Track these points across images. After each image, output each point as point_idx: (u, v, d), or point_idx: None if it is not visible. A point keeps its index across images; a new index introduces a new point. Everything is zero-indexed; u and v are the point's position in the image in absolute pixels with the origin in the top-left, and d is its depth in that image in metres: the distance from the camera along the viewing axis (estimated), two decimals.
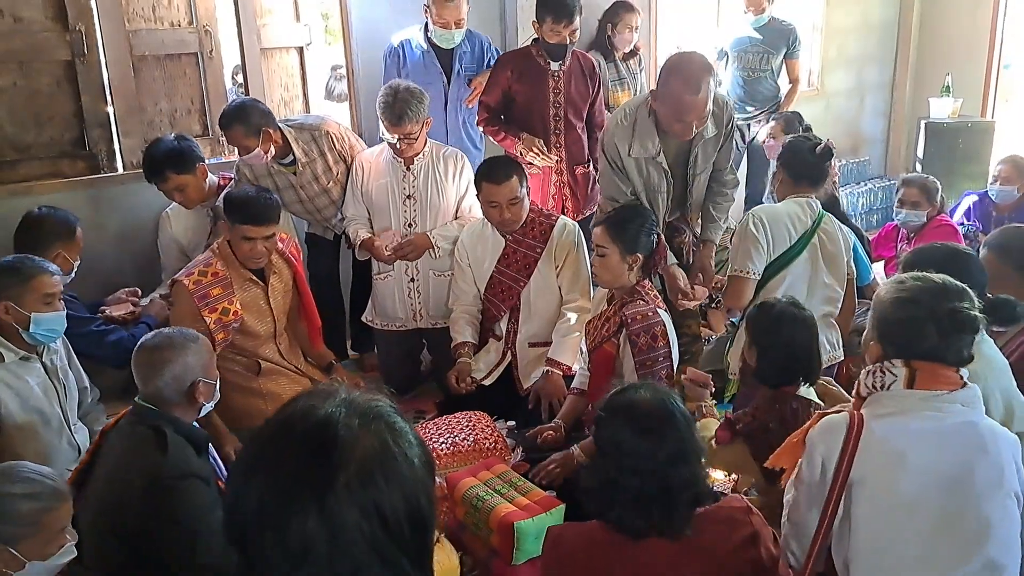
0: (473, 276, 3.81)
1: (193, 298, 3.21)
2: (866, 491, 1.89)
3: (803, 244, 3.25)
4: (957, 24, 7.18)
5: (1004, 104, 7.85)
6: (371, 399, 1.13)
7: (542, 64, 4.20)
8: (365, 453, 1.05)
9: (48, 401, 2.85)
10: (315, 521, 1.02)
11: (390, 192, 3.90)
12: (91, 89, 3.92)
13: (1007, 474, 1.89)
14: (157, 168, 3.66)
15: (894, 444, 1.89)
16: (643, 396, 1.97)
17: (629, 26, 5.04)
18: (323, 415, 1.08)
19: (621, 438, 1.90)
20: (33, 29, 3.76)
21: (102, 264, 3.88)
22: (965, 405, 1.93)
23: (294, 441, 1.07)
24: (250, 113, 3.69)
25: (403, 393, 4.18)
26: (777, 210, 3.33)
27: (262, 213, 3.28)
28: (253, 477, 1.07)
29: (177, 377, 2.39)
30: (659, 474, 1.86)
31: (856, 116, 7.36)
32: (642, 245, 3.11)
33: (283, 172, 3.92)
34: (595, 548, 1.91)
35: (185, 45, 4.23)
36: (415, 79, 4.11)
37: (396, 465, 1.07)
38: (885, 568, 1.88)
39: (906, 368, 1.94)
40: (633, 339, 2.98)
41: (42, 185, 3.83)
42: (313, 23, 5.76)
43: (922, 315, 1.94)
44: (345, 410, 1.08)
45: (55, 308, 2.82)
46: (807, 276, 3.26)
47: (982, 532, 1.85)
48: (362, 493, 1.03)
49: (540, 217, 3.73)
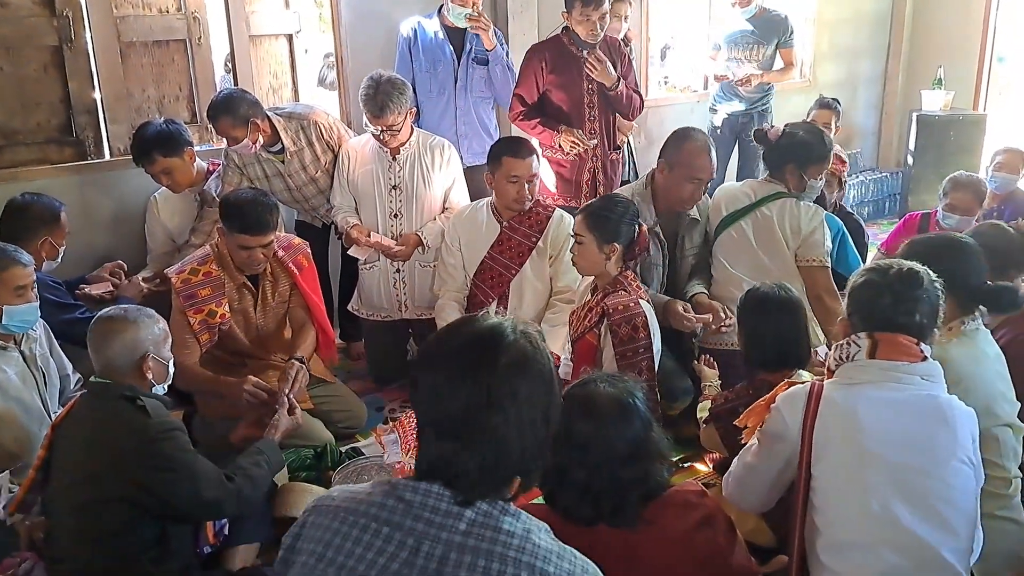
0: (464, 260, 3.80)
1: (179, 297, 3.19)
2: (827, 453, 1.97)
3: (728, 221, 3.55)
4: (950, 17, 7.18)
5: (997, 97, 7.85)
6: (527, 323, 1.49)
7: (574, 52, 4.14)
8: (521, 349, 1.37)
9: (27, 390, 2.83)
10: (481, 395, 1.32)
11: (376, 182, 3.89)
12: (78, 75, 3.90)
13: (960, 440, 1.95)
14: (145, 150, 3.65)
15: (850, 405, 1.98)
16: (603, 391, 1.94)
17: (618, 15, 5.01)
18: (494, 323, 1.41)
19: (573, 429, 1.86)
20: (20, 15, 3.74)
21: (89, 251, 3.87)
22: (926, 378, 2.00)
23: (469, 335, 1.40)
24: (238, 104, 3.68)
25: (389, 382, 4.19)
26: (724, 188, 3.74)
27: (258, 222, 3.14)
28: (433, 366, 1.39)
29: (127, 347, 2.37)
30: (608, 470, 1.84)
31: (848, 108, 7.29)
32: (621, 235, 3.10)
33: (271, 160, 3.91)
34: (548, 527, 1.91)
35: (173, 32, 4.21)
36: (427, 59, 4.22)
37: (539, 366, 1.39)
38: (846, 523, 1.93)
39: (869, 340, 2.04)
40: (614, 329, 2.97)
41: (29, 171, 3.82)
42: (306, 11, 5.74)
43: (879, 281, 2.06)
44: (509, 323, 1.41)
45: (27, 299, 2.80)
46: (748, 257, 3.50)
47: (941, 493, 1.91)
48: (517, 376, 1.34)
49: (537, 206, 3.73)
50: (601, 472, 1.85)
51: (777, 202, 3.51)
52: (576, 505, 1.86)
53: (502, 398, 1.33)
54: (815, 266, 3.44)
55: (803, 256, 3.46)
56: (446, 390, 1.35)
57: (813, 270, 3.44)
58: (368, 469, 3.16)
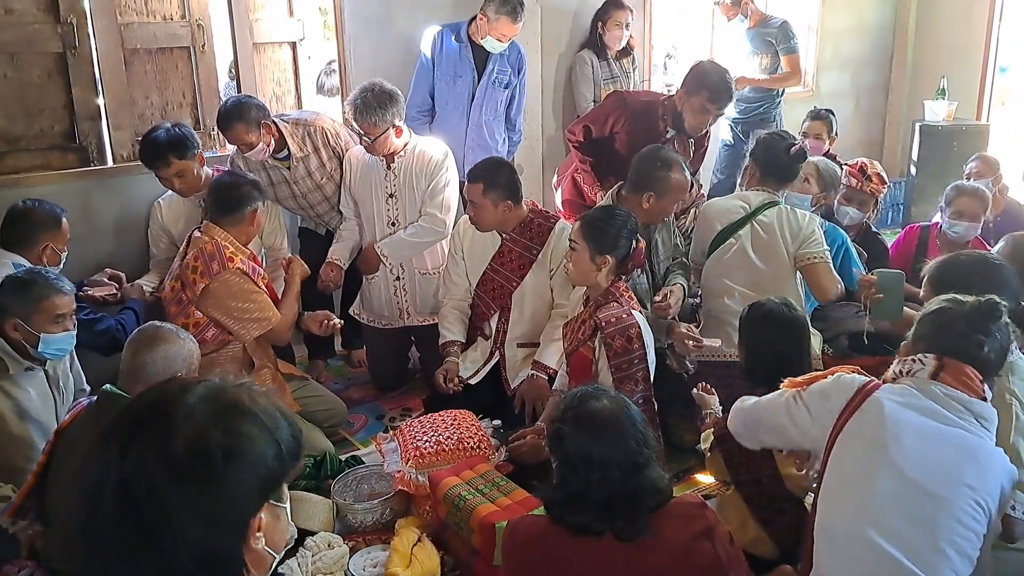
0: (466, 269, 3.79)
1: (247, 276, 3.29)
2: (850, 445, 1.98)
3: (725, 235, 3.50)
4: (952, 27, 7.18)
5: (1000, 108, 7.85)
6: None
7: (659, 129, 4.02)
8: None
9: (46, 410, 2.84)
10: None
11: (373, 190, 3.91)
12: (82, 82, 3.91)
13: (988, 486, 1.92)
14: (160, 152, 3.62)
15: (895, 417, 1.96)
16: (602, 406, 1.98)
17: (619, 23, 5.05)
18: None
19: (580, 447, 1.91)
20: (24, 21, 3.75)
21: (92, 257, 3.87)
22: (980, 420, 1.96)
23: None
24: (248, 109, 3.70)
25: (390, 390, 4.19)
26: (713, 204, 3.68)
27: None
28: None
29: (165, 360, 2.39)
30: (622, 482, 1.88)
31: (851, 118, 7.36)
32: (616, 248, 3.05)
33: (277, 167, 3.92)
34: (548, 539, 1.94)
35: (177, 39, 4.21)
36: (447, 68, 4.31)
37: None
38: (846, 516, 1.94)
39: (936, 361, 2.01)
40: (608, 342, 2.94)
41: (32, 177, 3.82)
42: (310, 18, 5.75)
43: (956, 309, 2.04)
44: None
45: (65, 327, 2.80)
46: (742, 266, 3.46)
47: (945, 522, 1.88)
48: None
49: (539, 218, 3.69)
50: (615, 484, 1.87)
51: (773, 209, 3.49)
52: (590, 520, 1.89)
53: None
54: (817, 262, 3.41)
55: (803, 256, 3.43)
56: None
57: (816, 266, 3.40)
58: (368, 478, 3.15)
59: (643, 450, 1.92)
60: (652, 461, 1.94)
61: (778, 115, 5.70)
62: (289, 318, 3.43)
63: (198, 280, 3.22)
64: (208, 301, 3.24)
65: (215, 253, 3.23)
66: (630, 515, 1.88)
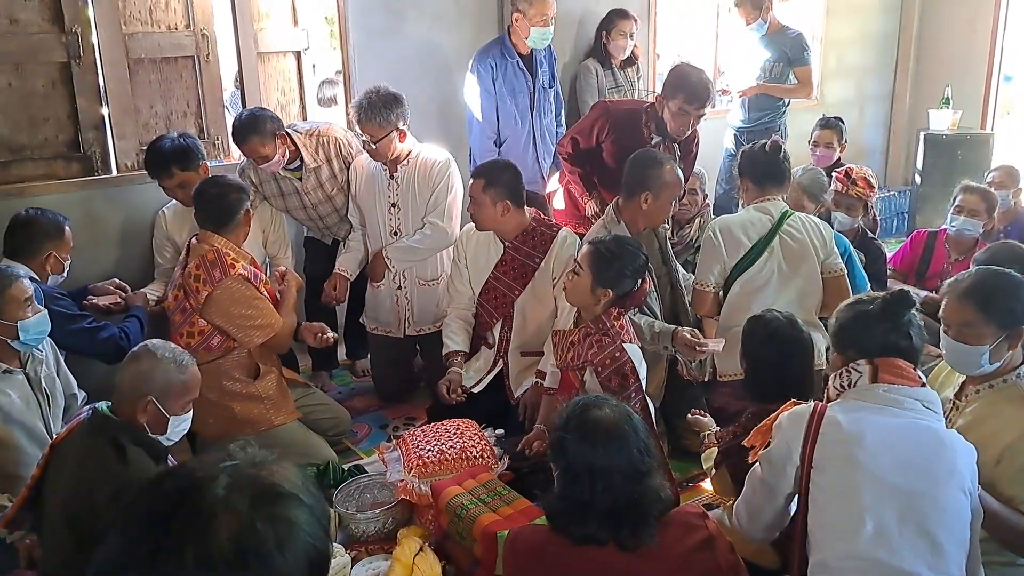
0: (469, 277, 3.78)
1: (249, 282, 3.28)
2: (826, 472, 1.97)
3: (759, 249, 3.36)
4: (957, 36, 7.18)
5: (1005, 117, 7.84)
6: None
7: (644, 136, 3.96)
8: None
9: (31, 413, 2.83)
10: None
11: (377, 199, 3.92)
12: (86, 91, 3.92)
13: (960, 470, 1.94)
14: (163, 164, 3.63)
15: (852, 427, 1.97)
16: (604, 415, 1.97)
17: (623, 33, 5.05)
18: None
19: (584, 457, 1.91)
20: (29, 31, 3.76)
21: (96, 266, 3.88)
22: (927, 405, 2.01)
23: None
24: (263, 121, 3.71)
25: (394, 399, 4.18)
26: (733, 220, 3.48)
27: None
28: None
29: (134, 379, 2.34)
30: (627, 491, 1.87)
31: (856, 127, 7.34)
32: (619, 284, 2.94)
33: (288, 178, 3.93)
34: (550, 548, 1.93)
35: (181, 48, 4.22)
36: (510, 87, 4.40)
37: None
38: (842, 543, 1.92)
39: (869, 366, 2.05)
40: (604, 384, 2.86)
41: (36, 187, 3.83)
42: (315, 28, 5.76)
43: (871, 310, 2.10)
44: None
45: (36, 309, 2.82)
46: (774, 279, 3.36)
47: (936, 516, 1.89)
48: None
49: (542, 227, 3.68)
50: (619, 493, 1.87)
51: (795, 217, 3.43)
52: (595, 530, 1.88)
53: None
54: (838, 275, 3.40)
55: (827, 268, 3.40)
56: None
57: (839, 279, 3.39)
58: (370, 487, 3.14)
59: (646, 459, 1.92)
60: (655, 470, 1.94)
61: (783, 125, 5.68)
62: (288, 327, 3.44)
63: (201, 288, 3.22)
64: (211, 309, 3.24)
65: (216, 260, 3.23)
66: (635, 524, 1.87)
